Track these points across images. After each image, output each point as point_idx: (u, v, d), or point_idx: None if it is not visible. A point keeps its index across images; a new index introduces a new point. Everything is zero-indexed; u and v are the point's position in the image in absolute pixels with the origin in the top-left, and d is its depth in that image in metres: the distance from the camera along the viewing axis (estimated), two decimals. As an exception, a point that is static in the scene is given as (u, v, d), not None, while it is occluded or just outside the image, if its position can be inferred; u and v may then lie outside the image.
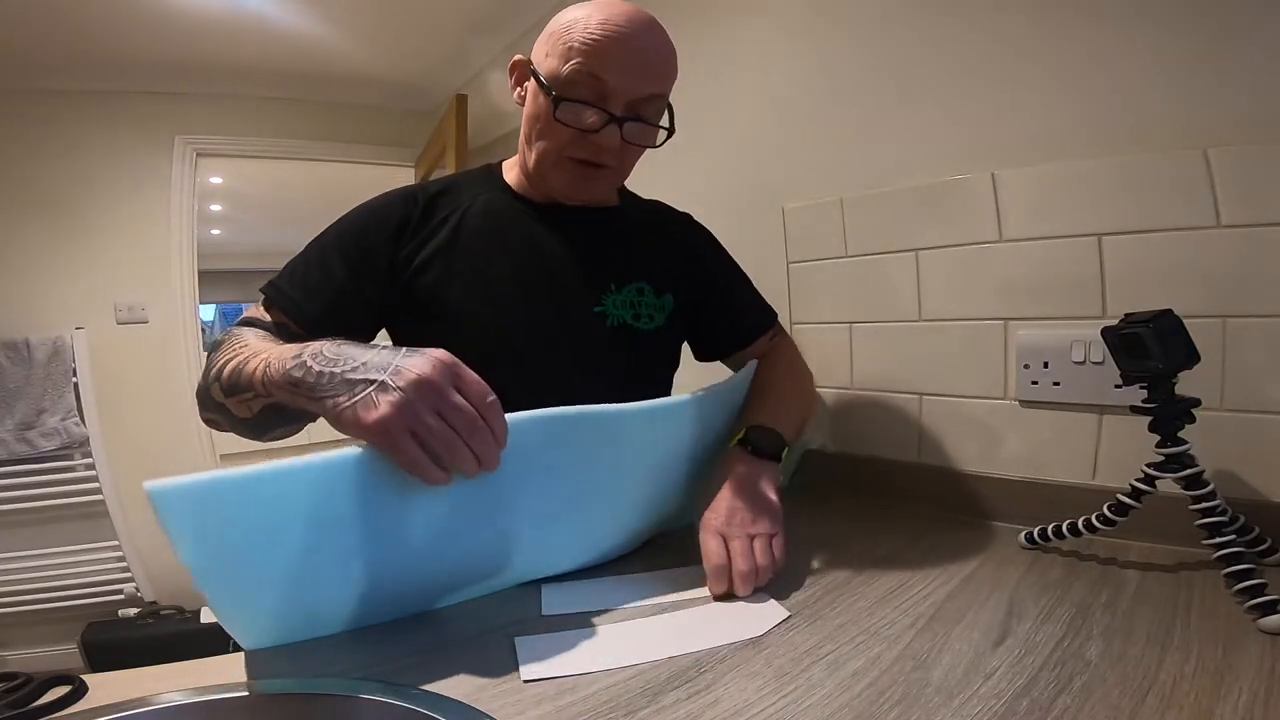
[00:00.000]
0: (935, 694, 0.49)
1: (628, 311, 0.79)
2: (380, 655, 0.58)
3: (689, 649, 0.57)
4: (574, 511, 0.68)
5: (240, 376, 0.61)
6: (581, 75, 0.68)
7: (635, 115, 0.72)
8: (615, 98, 0.70)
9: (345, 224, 0.76)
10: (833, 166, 1.14)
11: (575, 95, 0.69)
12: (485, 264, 0.75)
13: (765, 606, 0.65)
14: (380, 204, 0.77)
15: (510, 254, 0.76)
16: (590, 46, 0.67)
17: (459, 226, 0.76)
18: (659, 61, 0.72)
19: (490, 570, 0.67)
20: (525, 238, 0.77)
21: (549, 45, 0.72)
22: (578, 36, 0.68)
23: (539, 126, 0.73)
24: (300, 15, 2.07)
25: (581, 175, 0.75)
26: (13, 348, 2.23)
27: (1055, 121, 0.87)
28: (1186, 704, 0.45)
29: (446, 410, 0.51)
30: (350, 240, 0.74)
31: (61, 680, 0.52)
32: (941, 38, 0.98)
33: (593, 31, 0.67)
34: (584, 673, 0.54)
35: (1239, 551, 0.60)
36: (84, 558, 2.29)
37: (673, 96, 0.76)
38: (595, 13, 0.69)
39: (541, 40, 0.74)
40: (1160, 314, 0.65)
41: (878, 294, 1.06)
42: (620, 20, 0.68)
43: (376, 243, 0.74)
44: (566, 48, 0.69)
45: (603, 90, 0.69)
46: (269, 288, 0.73)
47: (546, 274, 0.77)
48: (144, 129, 2.46)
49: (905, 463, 1.03)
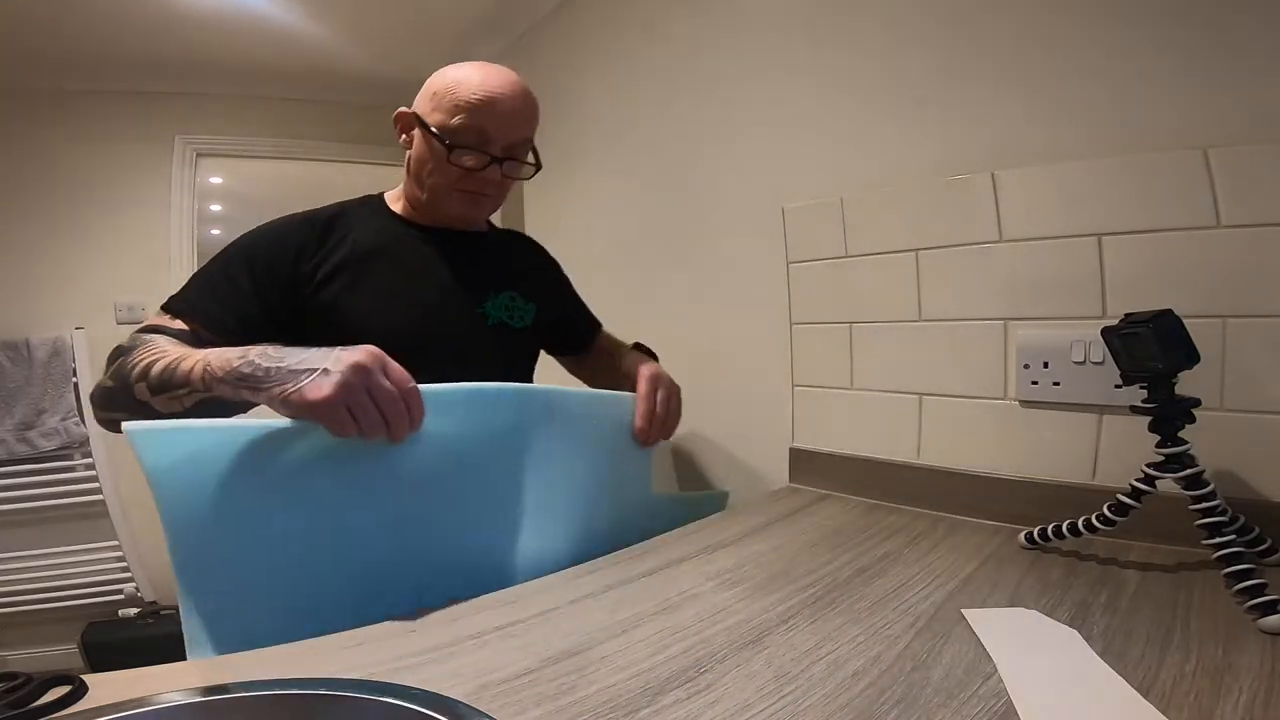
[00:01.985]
0: (935, 694, 0.49)
1: (505, 313, 0.97)
2: (380, 655, 0.58)
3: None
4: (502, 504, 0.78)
5: (174, 375, 0.70)
6: (467, 126, 0.85)
7: (511, 156, 0.90)
8: (494, 143, 0.87)
9: (246, 244, 0.87)
10: (833, 166, 1.14)
11: (463, 143, 0.86)
12: (381, 279, 0.88)
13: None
14: (280, 226, 0.90)
15: (403, 269, 0.90)
16: (474, 103, 0.85)
17: (355, 247, 0.88)
18: (527, 113, 0.90)
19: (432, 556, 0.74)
20: (415, 255, 0.92)
21: (435, 102, 0.87)
22: (463, 95, 0.85)
23: (430, 167, 0.89)
24: (300, 15, 2.07)
25: (471, 203, 0.92)
26: (13, 348, 2.23)
27: (1055, 121, 0.87)
28: (1186, 704, 0.45)
29: (376, 391, 0.64)
30: (254, 258, 0.85)
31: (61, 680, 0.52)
32: (941, 39, 0.98)
33: (475, 91, 0.85)
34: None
35: (1239, 551, 0.60)
36: (84, 558, 2.29)
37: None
38: (475, 75, 0.86)
39: (426, 97, 0.89)
40: (1160, 314, 0.65)
41: (878, 294, 1.06)
42: (496, 83, 0.86)
43: (278, 261, 0.85)
44: (454, 104, 0.85)
45: (485, 138, 0.86)
46: (179, 301, 0.84)
47: (435, 284, 0.91)
48: (144, 129, 2.46)
49: (905, 463, 1.03)
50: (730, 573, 0.77)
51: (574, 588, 0.74)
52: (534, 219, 2.14)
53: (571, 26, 1.88)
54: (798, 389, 1.21)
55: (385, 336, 0.72)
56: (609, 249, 1.75)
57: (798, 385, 1.21)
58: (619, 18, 1.67)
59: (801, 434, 1.20)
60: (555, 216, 2.03)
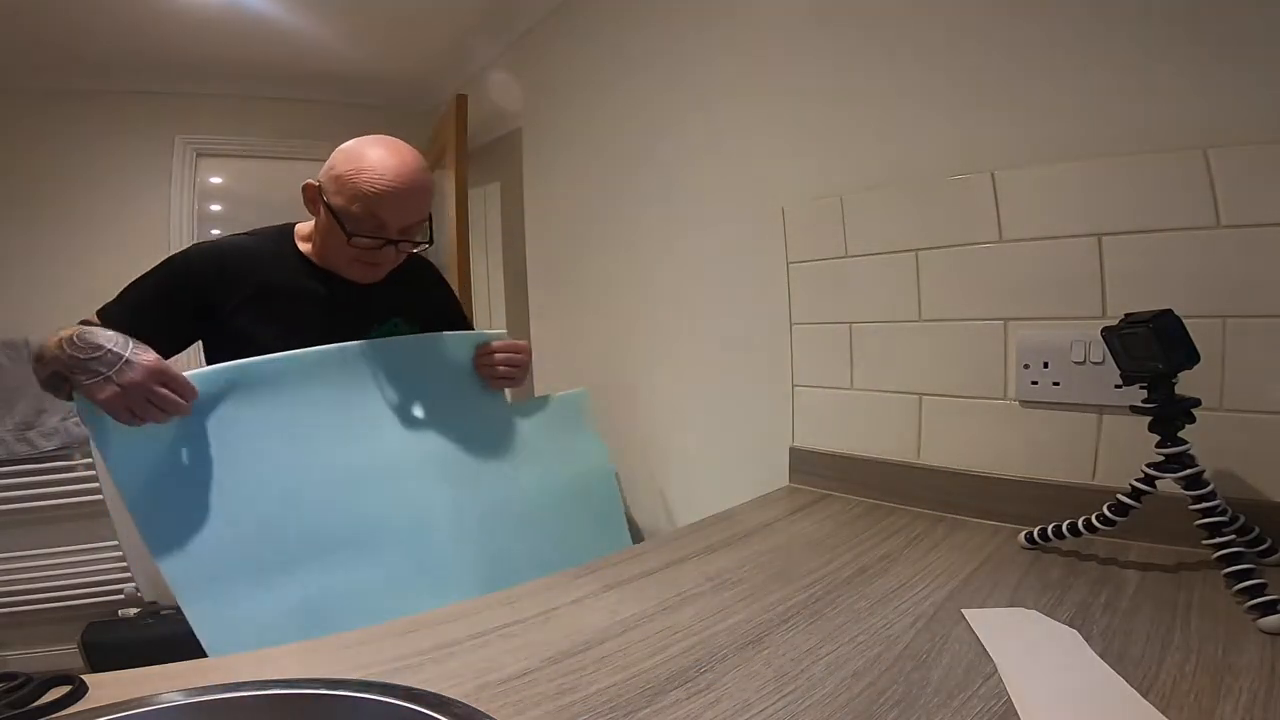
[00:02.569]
0: (935, 694, 0.49)
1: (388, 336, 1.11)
2: (380, 655, 0.58)
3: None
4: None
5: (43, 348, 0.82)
6: (366, 214, 0.94)
7: (405, 238, 0.99)
8: (390, 229, 0.96)
9: (165, 271, 0.99)
10: (833, 166, 1.14)
11: (362, 230, 0.95)
12: (286, 312, 1.01)
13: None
14: (193, 256, 1.01)
15: (304, 304, 1.03)
16: (372, 194, 0.92)
17: (266, 285, 1.01)
18: (421, 199, 0.97)
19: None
20: (315, 294, 1.04)
21: (337, 185, 0.95)
22: (363, 186, 0.92)
23: (333, 242, 0.98)
24: (300, 15, 2.07)
25: (367, 272, 1.03)
26: (13, 348, 2.23)
27: (1055, 121, 0.87)
28: (1186, 704, 0.45)
29: (153, 397, 0.78)
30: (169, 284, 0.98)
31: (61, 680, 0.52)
32: (941, 39, 0.98)
33: (374, 183, 0.92)
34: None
35: (1239, 551, 0.60)
36: (84, 558, 2.29)
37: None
38: (375, 163, 0.93)
39: (330, 176, 0.96)
40: (1160, 314, 0.65)
41: (878, 294, 1.06)
42: (393, 174, 0.93)
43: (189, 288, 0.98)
44: (354, 193, 0.93)
45: (381, 225, 0.95)
46: (104, 310, 0.96)
47: (331, 317, 1.04)
48: (144, 129, 2.46)
49: (905, 463, 1.03)
50: (730, 573, 0.77)
51: (574, 588, 0.74)
52: (533, 219, 2.14)
53: (571, 27, 1.88)
54: (798, 389, 1.21)
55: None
56: (608, 249, 1.75)
57: (798, 385, 1.21)
58: (619, 18, 1.67)
59: (801, 434, 1.20)
60: (555, 217, 2.03)
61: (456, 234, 2.09)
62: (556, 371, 2.07)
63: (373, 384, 1.01)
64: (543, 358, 2.14)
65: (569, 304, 1.98)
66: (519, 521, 1.05)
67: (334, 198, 0.95)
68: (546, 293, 2.11)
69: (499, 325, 2.41)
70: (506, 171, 2.27)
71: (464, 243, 2.10)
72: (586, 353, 1.90)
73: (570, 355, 2.00)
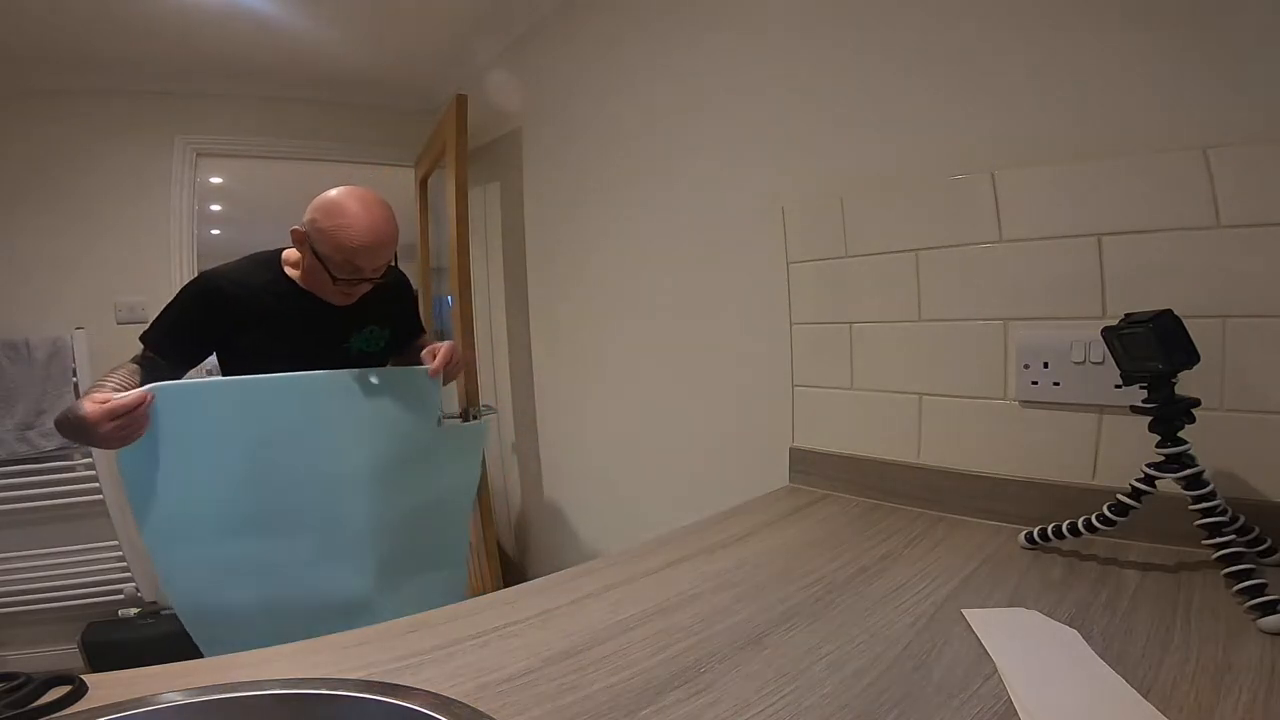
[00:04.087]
0: (935, 694, 0.49)
1: (365, 343, 1.35)
2: (380, 655, 0.58)
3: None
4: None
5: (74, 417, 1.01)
6: (345, 262, 1.14)
7: (376, 275, 1.20)
8: (365, 272, 1.17)
9: (184, 302, 1.21)
10: (833, 166, 1.14)
11: (342, 274, 1.16)
12: (279, 327, 1.23)
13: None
14: (208, 290, 1.21)
15: (291, 320, 1.24)
16: (350, 249, 1.13)
17: (258, 306, 1.22)
18: (390, 247, 1.19)
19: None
20: (300, 311, 1.25)
21: (321, 237, 1.14)
22: (344, 241, 1.12)
23: (318, 279, 1.20)
24: (300, 15, 2.07)
25: (346, 298, 1.24)
26: (13, 348, 2.23)
27: (1055, 122, 0.87)
28: (1186, 704, 0.45)
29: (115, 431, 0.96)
30: (190, 313, 1.21)
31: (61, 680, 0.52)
32: (942, 39, 0.98)
33: (352, 240, 1.12)
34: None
35: (1239, 551, 0.60)
36: (84, 558, 2.29)
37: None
38: (353, 222, 1.12)
39: (314, 228, 1.14)
40: (1160, 314, 0.65)
41: (878, 294, 1.06)
42: (367, 231, 1.13)
43: (204, 316, 1.20)
44: (335, 245, 1.13)
45: (359, 270, 1.16)
46: (145, 336, 1.19)
47: (315, 330, 1.26)
48: (144, 129, 2.46)
49: (905, 463, 1.03)
50: (730, 573, 0.77)
51: (574, 588, 0.74)
52: (533, 219, 2.14)
53: (571, 26, 1.88)
54: (798, 389, 1.21)
55: (277, 368, 1.15)
56: (608, 248, 1.75)
57: (798, 385, 1.21)
58: (619, 18, 1.67)
59: (801, 434, 1.20)
60: (554, 216, 2.03)
61: (456, 234, 2.09)
62: (555, 370, 2.07)
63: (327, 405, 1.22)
64: (542, 357, 2.14)
65: (568, 304, 1.98)
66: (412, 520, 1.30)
67: (319, 245, 1.14)
68: (546, 292, 2.11)
69: (499, 325, 2.41)
70: (506, 171, 2.27)
71: (464, 243, 2.09)
72: (586, 352, 1.91)
73: (569, 355, 2.00)
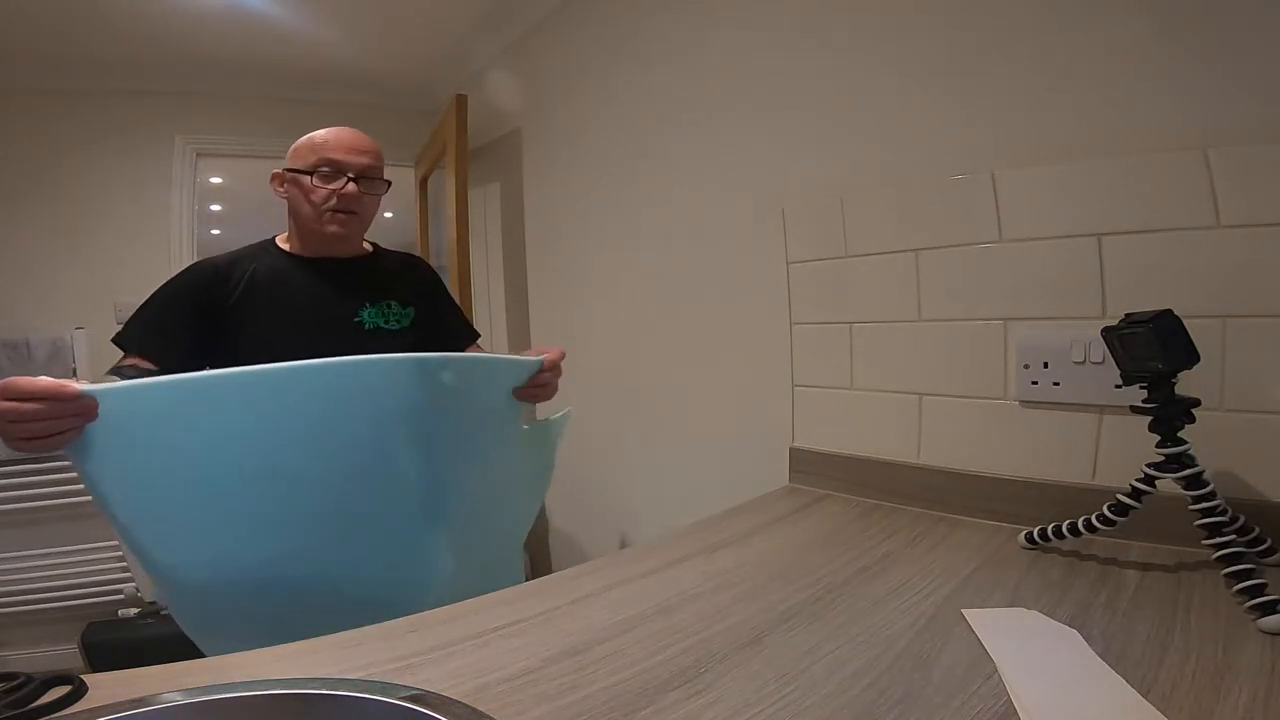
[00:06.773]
0: (935, 694, 0.49)
1: (380, 318, 1.16)
2: (380, 655, 0.58)
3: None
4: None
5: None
6: (323, 160, 1.09)
7: (365, 176, 1.11)
8: (346, 167, 1.09)
9: (168, 287, 1.08)
10: (833, 166, 1.14)
11: (320, 174, 1.09)
12: (275, 302, 1.10)
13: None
14: (194, 274, 1.10)
15: (291, 291, 1.11)
16: (324, 143, 1.10)
17: (255, 279, 1.10)
18: (370, 147, 1.13)
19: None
20: (300, 280, 1.13)
21: (296, 156, 1.11)
22: (316, 141, 1.10)
23: (302, 198, 1.11)
24: (300, 15, 2.07)
25: (341, 221, 1.11)
26: (13, 348, 2.23)
27: (1055, 122, 0.87)
28: (1186, 704, 0.45)
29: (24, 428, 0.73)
30: (172, 294, 1.07)
31: (61, 680, 0.52)
32: (941, 39, 0.98)
33: (327, 139, 1.10)
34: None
35: (1239, 551, 0.60)
36: (84, 558, 2.28)
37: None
38: (323, 130, 1.12)
39: (290, 159, 1.12)
40: (1160, 314, 0.65)
41: (878, 294, 1.06)
42: (338, 129, 1.12)
43: (199, 298, 1.07)
44: (309, 150, 1.10)
45: (337, 165, 1.09)
46: (126, 339, 1.02)
47: (317, 301, 1.12)
48: (144, 129, 2.45)
49: (905, 463, 1.03)
50: (730, 573, 0.77)
51: (574, 587, 0.74)
52: (533, 219, 2.14)
53: (571, 27, 1.88)
54: (798, 389, 1.21)
55: (279, 342, 0.96)
56: (609, 249, 1.75)
57: (798, 385, 1.21)
58: (619, 19, 1.67)
59: (801, 434, 1.20)
60: (554, 217, 2.03)
61: (456, 234, 2.09)
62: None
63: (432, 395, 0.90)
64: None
65: (569, 304, 1.98)
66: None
67: (294, 164, 1.11)
68: (546, 293, 2.11)
69: (499, 324, 2.41)
70: (506, 171, 2.27)
71: (464, 243, 2.10)
72: (586, 353, 1.90)
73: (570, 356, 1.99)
